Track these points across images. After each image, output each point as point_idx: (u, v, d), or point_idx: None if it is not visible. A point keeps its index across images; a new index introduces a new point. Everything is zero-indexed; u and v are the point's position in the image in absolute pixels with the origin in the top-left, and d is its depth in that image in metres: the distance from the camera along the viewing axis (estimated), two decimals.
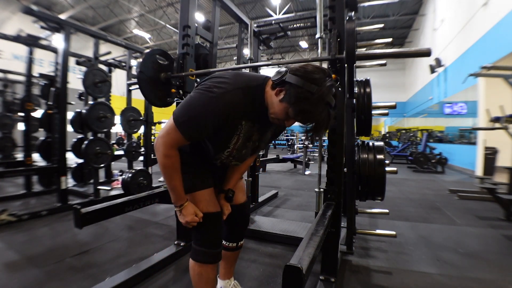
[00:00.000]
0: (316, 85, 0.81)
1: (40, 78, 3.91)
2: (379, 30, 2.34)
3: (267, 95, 0.94)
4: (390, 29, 14.42)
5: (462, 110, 10.36)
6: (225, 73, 0.98)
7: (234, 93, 0.91)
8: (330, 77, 0.86)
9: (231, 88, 0.91)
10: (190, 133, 0.92)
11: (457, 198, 3.98)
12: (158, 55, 1.80)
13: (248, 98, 0.94)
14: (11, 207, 2.72)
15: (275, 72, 0.91)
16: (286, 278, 0.78)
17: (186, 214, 1.02)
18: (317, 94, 0.81)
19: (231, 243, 1.34)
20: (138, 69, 1.71)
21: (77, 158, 3.86)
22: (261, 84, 0.96)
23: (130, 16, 13.08)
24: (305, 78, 0.82)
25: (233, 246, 1.35)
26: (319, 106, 0.82)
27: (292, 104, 0.84)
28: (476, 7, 6.30)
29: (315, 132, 0.88)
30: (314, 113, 0.83)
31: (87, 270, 1.75)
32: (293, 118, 0.88)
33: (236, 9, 2.62)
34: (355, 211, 2.17)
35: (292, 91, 0.83)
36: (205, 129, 0.92)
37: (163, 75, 1.81)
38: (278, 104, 0.89)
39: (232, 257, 1.39)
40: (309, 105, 0.82)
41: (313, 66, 0.86)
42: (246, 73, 1.04)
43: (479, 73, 3.70)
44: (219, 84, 0.91)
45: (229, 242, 1.34)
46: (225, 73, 0.98)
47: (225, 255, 1.35)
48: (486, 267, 1.89)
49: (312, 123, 0.86)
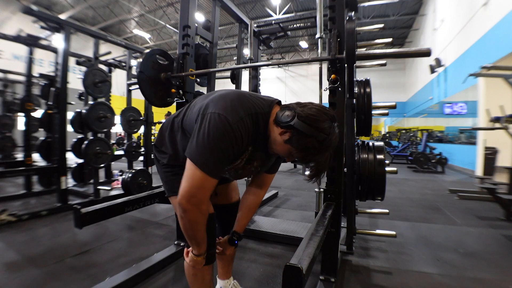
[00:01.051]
0: (325, 134, 0.82)
1: (40, 78, 3.91)
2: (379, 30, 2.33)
3: (270, 127, 0.93)
4: (390, 29, 14.41)
5: (462, 110, 10.36)
6: (231, 96, 0.93)
7: (246, 120, 0.88)
8: (335, 121, 0.87)
9: (242, 114, 0.87)
10: (219, 171, 0.88)
11: (457, 198, 3.98)
12: (158, 55, 1.80)
13: (256, 126, 0.92)
14: (11, 207, 2.73)
15: (282, 111, 0.89)
16: (286, 278, 0.78)
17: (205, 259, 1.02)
18: (325, 144, 0.82)
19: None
20: (138, 69, 1.71)
21: (77, 158, 3.86)
22: (267, 113, 0.94)
23: (130, 16, 13.08)
24: (313, 127, 0.82)
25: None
26: (326, 154, 0.85)
27: (299, 150, 0.85)
28: (476, 7, 6.30)
29: (316, 176, 0.90)
30: (319, 160, 0.86)
31: (87, 270, 1.75)
32: (294, 158, 0.89)
33: (236, 9, 2.62)
34: (355, 211, 2.16)
35: (300, 138, 0.83)
36: (228, 158, 0.89)
37: (163, 75, 1.81)
38: (282, 143, 0.88)
39: (228, 256, 1.37)
40: (316, 154, 0.84)
41: (319, 111, 0.85)
42: (251, 96, 0.97)
43: (479, 73, 3.70)
44: (230, 110, 0.86)
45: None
46: (231, 96, 0.93)
47: (223, 257, 1.34)
48: (486, 267, 1.89)
49: (311, 165, 0.89)
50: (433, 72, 9.55)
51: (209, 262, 1.08)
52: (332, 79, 1.55)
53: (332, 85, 1.57)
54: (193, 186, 0.84)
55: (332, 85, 1.56)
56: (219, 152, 0.84)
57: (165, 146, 1.11)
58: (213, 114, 0.86)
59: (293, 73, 19.97)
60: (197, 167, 0.84)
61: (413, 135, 10.14)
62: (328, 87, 1.60)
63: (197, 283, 1.10)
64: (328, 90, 1.63)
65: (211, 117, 0.85)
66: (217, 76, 2.58)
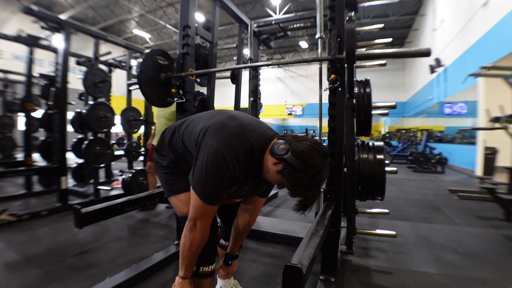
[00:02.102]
0: (315, 170, 0.86)
1: (40, 78, 3.91)
2: (379, 30, 2.33)
3: (266, 157, 0.97)
4: (390, 29, 14.40)
5: (462, 110, 10.37)
6: (231, 129, 0.96)
7: (241, 156, 0.93)
8: (327, 158, 0.91)
9: (238, 150, 0.93)
10: (216, 200, 0.97)
11: (457, 198, 3.98)
12: (158, 55, 1.80)
13: (252, 158, 0.98)
14: (11, 207, 2.72)
15: (277, 143, 0.93)
16: (286, 278, 0.78)
17: (191, 284, 1.06)
18: (315, 180, 0.87)
19: (229, 242, 1.35)
20: (139, 69, 1.71)
21: (77, 158, 3.87)
22: (265, 147, 0.98)
23: (130, 16, 13.07)
24: (305, 163, 0.85)
25: None
26: (314, 190, 0.89)
27: (289, 183, 0.89)
28: (476, 7, 6.30)
29: (303, 209, 0.93)
30: (307, 195, 0.90)
31: (87, 270, 1.75)
32: (285, 187, 0.94)
33: (236, 9, 2.62)
34: (355, 211, 2.17)
35: (291, 172, 0.87)
36: (225, 190, 0.98)
37: (163, 75, 1.81)
38: (274, 173, 0.93)
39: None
40: (305, 189, 0.88)
41: (312, 147, 0.88)
42: (252, 128, 1.00)
43: (479, 73, 3.70)
44: (227, 147, 0.91)
45: (228, 241, 1.35)
46: (231, 129, 0.96)
47: (224, 254, 1.35)
48: (486, 267, 1.89)
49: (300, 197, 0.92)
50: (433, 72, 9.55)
51: (210, 276, 1.11)
52: (332, 79, 1.55)
53: (332, 85, 1.57)
54: (197, 213, 0.97)
55: (332, 85, 1.57)
56: (215, 185, 0.93)
57: (166, 150, 1.15)
58: (211, 148, 0.92)
59: (293, 73, 19.97)
60: (198, 197, 0.95)
61: (413, 135, 10.14)
62: (328, 87, 1.61)
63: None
64: (328, 90, 1.63)
65: (209, 151, 0.92)
66: (217, 76, 2.58)
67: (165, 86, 1.85)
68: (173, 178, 1.13)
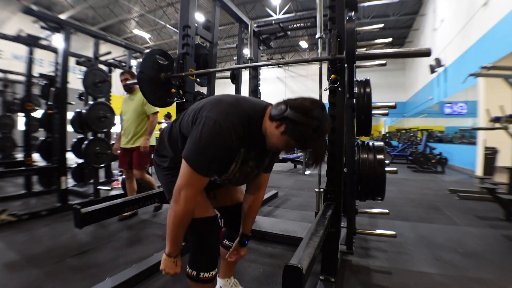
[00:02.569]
0: (318, 121, 0.87)
1: (40, 78, 3.91)
2: (379, 30, 2.33)
3: (265, 125, 0.98)
4: (390, 29, 14.40)
5: (462, 110, 10.36)
6: (226, 101, 0.99)
7: (238, 126, 0.94)
8: (325, 110, 0.93)
9: (235, 121, 0.94)
10: (207, 171, 0.94)
11: (457, 198, 3.98)
12: (158, 55, 1.80)
13: (250, 129, 0.98)
14: (11, 207, 2.72)
15: (275, 106, 0.95)
16: (286, 278, 0.78)
17: (179, 264, 1.04)
18: (319, 130, 0.87)
19: (233, 242, 1.34)
20: (138, 69, 1.71)
21: (77, 158, 3.86)
22: (261, 115, 1.00)
23: (130, 16, 13.07)
24: (306, 116, 0.87)
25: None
26: (320, 140, 0.90)
27: (295, 139, 0.90)
28: (476, 7, 6.30)
29: (315, 162, 0.95)
30: (315, 146, 0.91)
31: (87, 270, 1.75)
32: (292, 148, 0.96)
33: (236, 9, 2.62)
34: (355, 211, 2.17)
35: (294, 127, 0.88)
36: (218, 162, 0.96)
37: (163, 75, 1.80)
38: (279, 136, 0.93)
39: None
40: (311, 140, 0.89)
41: (310, 101, 0.91)
42: (246, 101, 1.03)
43: (479, 73, 3.70)
44: (223, 117, 0.93)
45: (231, 242, 1.34)
46: (226, 101, 0.99)
47: (226, 254, 1.35)
48: (486, 267, 1.89)
49: (310, 152, 0.94)
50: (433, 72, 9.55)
51: (212, 281, 1.09)
52: (332, 79, 1.55)
53: (332, 85, 1.57)
54: (184, 181, 0.94)
55: (332, 85, 1.57)
56: (209, 153, 0.91)
57: (166, 149, 1.15)
58: (207, 118, 0.93)
59: (293, 73, 19.96)
60: (188, 165, 0.93)
61: (413, 135, 10.14)
62: (328, 87, 1.61)
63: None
64: (328, 90, 1.63)
65: (205, 121, 0.93)
66: (217, 76, 2.57)
67: (165, 86, 1.85)
68: (174, 180, 1.08)
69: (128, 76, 2.77)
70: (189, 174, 0.93)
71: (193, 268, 1.07)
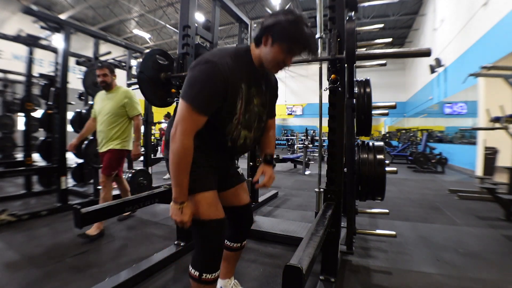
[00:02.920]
0: (291, 14, 0.96)
1: (40, 78, 3.91)
2: (379, 30, 2.33)
3: (255, 54, 1.05)
4: (390, 29, 14.40)
5: (462, 110, 10.37)
6: (209, 51, 1.08)
7: (227, 59, 0.99)
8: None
9: (222, 55, 1.00)
10: (204, 106, 0.96)
11: (457, 198, 3.98)
12: (158, 55, 1.80)
13: (239, 62, 1.02)
14: (11, 207, 2.72)
15: (254, 34, 1.05)
16: (286, 278, 0.78)
17: (185, 213, 0.98)
18: (298, 20, 0.95)
19: (235, 243, 1.33)
20: (138, 69, 1.71)
21: (77, 158, 3.86)
22: (247, 49, 1.07)
23: (130, 16, 13.07)
24: (279, 15, 0.96)
25: (237, 246, 1.34)
26: (302, 27, 0.96)
27: (283, 39, 0.96)
28: (476, 7, 6.30)
29: (310, 51, 1.02)
30: (301, 34, 0.96)
31: (87, 270, 1.75)
32: (288, 52, 1.00)
33: (236, 9, 2.62)
34: (355, 211, 2.16)
35: (277, 31, 0.96)
36: (216, 95, 0.97)
37: (163, 75, 1.81)
38: (271, 50, 0.99)
39: (235, 257, 1.39)
40: (294, 29, 0.95)
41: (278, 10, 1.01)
42: (229, 46, 1.12)
43: (479, 73, 3.70)
44: (210, 56, 0.98)
45: (233, 243, 1.33)
46: (209, 51, 1.08)
47: (228, 255, 1.35)
48: (486, 267, 1.89)
49: (303, 46, 0.99)
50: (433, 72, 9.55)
51: (214, 282, 1.08)
52: (332, 79, 1.55)
53: (332, 85, 1.57)
54: (180, 116, 0.95)
55: (332, 85, 1.57)
56: (203, 87, 0.94)
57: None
58: (195, 63, 0.99)
59: (293, 73, 19.97)
60: (184, 101, 0.95)
61: (413, 135, 10.14)
62: (328, 87, 1.61)
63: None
64: (328, 90, 1.63)
65: (194, 65, 0.99)
66: None
67: (165, 86, 1.85)
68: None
69: (107, 72, 2.40)
70: (185, 109, 0.94)
71: (196, 269, 1.05)
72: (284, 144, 15.71)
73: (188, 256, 1.98)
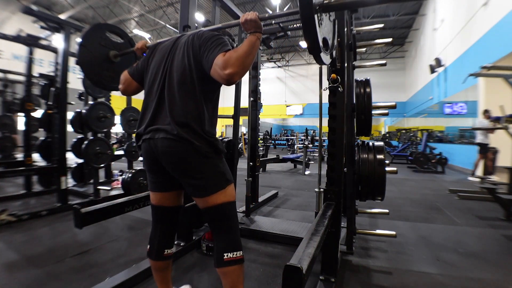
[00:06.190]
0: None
1: (40, 78, 3.91)
2: (379, 30, 2.33)
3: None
4: (390, 29, 14.40)
5: (462, 110, 10.36)
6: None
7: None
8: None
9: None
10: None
11: (457, 198, 3.98)
12: (110, 31, 1.59)
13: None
14: (11, 207, 2.72)
15: None
16: (286, 278, 0.78)
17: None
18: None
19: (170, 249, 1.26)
20: (81, 40, 1.44)
21: (77, 158, 3.86)
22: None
23: (130, 16, 13.08)
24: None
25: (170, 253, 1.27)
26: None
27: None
28: (476, 7, 6.30)
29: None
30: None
31: (87, 270, 1.75)
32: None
33: (236, 9, 2.62)
34: (355, 211, 2.16)
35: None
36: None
37: (112, 53, 1.58)
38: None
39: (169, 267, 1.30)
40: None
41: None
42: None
43: (479, 73, 3.70)
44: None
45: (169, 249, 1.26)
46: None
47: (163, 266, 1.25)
48: (486, 267, 1.89)
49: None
50: (433, 72, 9.55)
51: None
52: (332, 79, 1.55)
53: (332, 85, 1.57)
54: (229, 53, 1.01)
55: (332, 84, 1.57)
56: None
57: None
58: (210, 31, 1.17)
59: (293, 73, 19.97)
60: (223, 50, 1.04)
61: (413, 135, 10.14)
62: (328, 87, 1.61)
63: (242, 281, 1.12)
64: (328, 90, 1.63)
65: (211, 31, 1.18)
66: None
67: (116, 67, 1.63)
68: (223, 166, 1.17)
69: None
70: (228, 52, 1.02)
71: (239, 249, 1.08)
72: (284, 144, 15.71)
73: (188, 256, 1.98)
